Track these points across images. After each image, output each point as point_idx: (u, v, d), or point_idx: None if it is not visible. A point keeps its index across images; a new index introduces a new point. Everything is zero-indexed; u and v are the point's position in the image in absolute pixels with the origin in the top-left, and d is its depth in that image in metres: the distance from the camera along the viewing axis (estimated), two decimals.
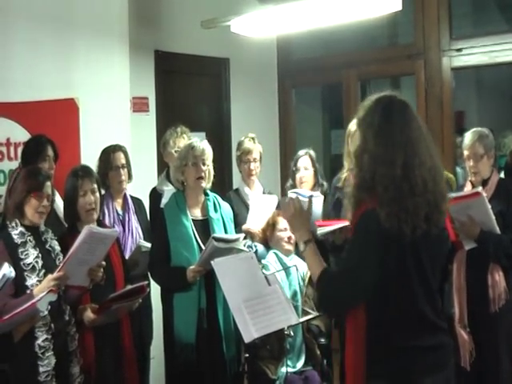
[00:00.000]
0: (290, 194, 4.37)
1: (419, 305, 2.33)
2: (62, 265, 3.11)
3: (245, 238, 3.84)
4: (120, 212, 4.31)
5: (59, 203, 3.84)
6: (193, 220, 3.86)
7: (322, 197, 4.31)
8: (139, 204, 4.48)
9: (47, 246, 3.29)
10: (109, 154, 4.30)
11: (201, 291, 3.75)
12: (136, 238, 4.23)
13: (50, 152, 4.17)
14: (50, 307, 3.08)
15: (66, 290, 3.22)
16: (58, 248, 3.33)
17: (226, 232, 3.90)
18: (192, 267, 3.68)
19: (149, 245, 4.02)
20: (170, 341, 3.84)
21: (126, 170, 4.35)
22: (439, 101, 5.61)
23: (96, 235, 3.20)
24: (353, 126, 4.33)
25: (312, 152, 4.70)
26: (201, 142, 3.92)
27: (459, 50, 5.58)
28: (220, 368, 3.81)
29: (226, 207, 4.00)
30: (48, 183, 3.30)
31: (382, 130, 2.32)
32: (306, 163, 4.63)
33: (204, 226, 3.87)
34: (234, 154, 5.00)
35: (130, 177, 4.41)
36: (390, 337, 2.31)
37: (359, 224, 2.32)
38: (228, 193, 4.86)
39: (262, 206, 4.58)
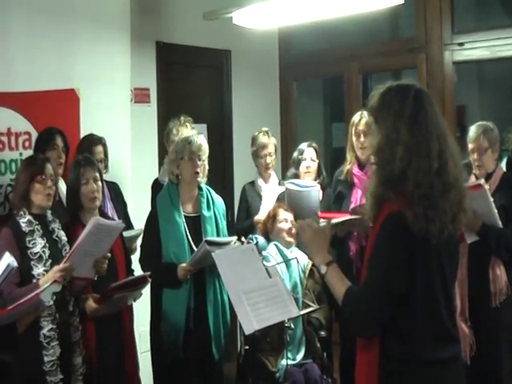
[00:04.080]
0: (287, 184, 4.38)
1: (440, 314, 2.19)
2: (68, 256, 3.10)
3: (238, 239, 3.84)
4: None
5: (63, 189, 3.82)
6: (185, 216, 3.85)
7: (319, 187, 4.35)
8: (115, 189, 4.43)
9: (54, 236, 3.29)
10: (90, 146, 4.24)
11: (190, 291, 3.75)
12: None
13: (60, 142, 4.15)
14: (55, 297, 3.08)
15: (72, 281, 3.21)
16: (64, 238, 3.33)
17: (217, 229, 3.88)
18: (183, 265, 3.68)
19: (128, 233, 3.96)
20: (156, 338, 3.82)
21: (103, 163, 4.31)
22: (441, 95, 5.58)
23: (103, 227, 3.19)
24: (357, 117, 4.32)
25: (315, 144, 4.72)
26: (198, 137, 3.89)
27: (461, 44, 5.55)
28: (208, 369, 3.81)
29: (219, 202, 3.98)
30: (48, 165, 3.29)
31: (416, 118, 2.16)
32: (312, 154, 4.65)
33: (196, 224, 3.86)
34: (236, 146, 5.00)
35: (106, 169, 4.35)
36: (407, 348, 2.16)
37: (383, 229, 2.14)
38: (244, 185, 4.90)
39: (275, 198, 4.60)
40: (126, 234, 3.91)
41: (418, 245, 2.11)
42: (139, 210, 4.47)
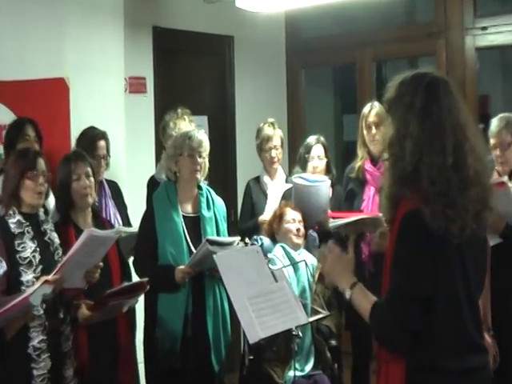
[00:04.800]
0: (294, 178, 4.38)
1: (464, 321, 2.18)
2: (58, 267, 3.09)
3: (242, 240, 3.84)
4: (96, 198, 4.29)
5: (51, 201, 3.85)
6: (184, 216, 3.86)
7: (329, 181, 4.35)
8: (115, 187, 4.48)
9: (46, 238, 3.27)
10: (93, 141, 4.27)
11: (188, 295, 3.75)
12: (115, 224, 4.21)
13: (31, 132, 4.17)
14: (44, 306, 3.07)
15: (61, 292, 3.20)
16: (57, 241, 3.30)
17: (218, 231, 3.89)
18: (181, 267, 3.69)
19: (128, 229, 4.01)
20: (150, 347, 3.83)
21: (105, 160, 4.35)
22: (461, 84, 5.57)
23: (96, 238, 3.19)
24: (367, 108, 4.34)
25: (323, 138, 4.70)
26: (198, 133, 3.91)
27: (484, 28, 5.55)
28: (207, 381, 3.82)
29: (219, 203, 4.00)
30: (40, 159, 3.27)
31: (427, 111, 2.15)
32: (319, 152, 4.64)
33: (195, 224, 3.86)
34: (239, 139, 5.01)
35: (107, 166, 4.40)
36: (429, 357, 2.15)
37: (401, 230, 2.14)
38: (248, 181, 4.90)
39: (281, 195, 4.60)
40: (126, 229, 3.97)
41: (438, 244, 2.11)
42: (134, 210, 4.49)
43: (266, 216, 4.54)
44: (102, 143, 4.32)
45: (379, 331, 2.20)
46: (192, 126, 4.47)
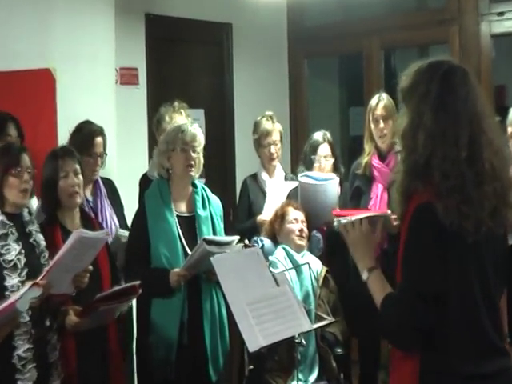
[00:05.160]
0: (301, 177, 4.38)
1: (481, 323, 2.19)
2: (45, 272, 3.08)
3: (241, 240, 3.82)
4: (90, 198, 4.30)
5: (33, 202, 3.84)
6: (178, 216, 3.86)
7: (338, 179, 4.36)
8: (111, 186, 4.48)
9: (31, 240, 3.26)
10: (90, 137, 4.27)
11: (184, 300, 3.75)
12: (111, 226, 4.23)
13: (13, 131, 4.16)
14: (30, 312, 3.05)
15: (48, 298, 3.20)
16: (43, 243, 3.30)
17: (214, 232, 3.89)
18: (176, 270, 3.69)
19: (125, 233, 4.02)
20: (144, 356, 3.83)
21: (102, 158, 4.34)
22: (476, 73, 5.55)
23: (86, 240, 3.18)
24: (374, 100, 4.34)
25: (329, 135, 4.71)
26: (192, 126, 3.91)
27: (500, 13, 5.54)
28: None
29: (215, 202, 4.00)
30: (24, 155, 3.26)
31: (442, 101, 2.17)
32: (325, 152, 4.64)
33: (190, 224, 3.87)
34: (237, 134, 5.00)
35: (103, 164, 4.40)
36: (444, 362, 2.17)
37: (412, 223, 2.18)
38: (245, 178, 4.91)
39: (280, 194, 4.60)
40: (126, 234, 3.98)
41: (451, 241, 2.13)
42: (126, 210, 4.48)
43: (264, 216, 4.55)
44: (100, 140, 4.32)
45: (385, 326, 2.23)
46: (188, 120, 4.46)
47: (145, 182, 4.63)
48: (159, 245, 3.77)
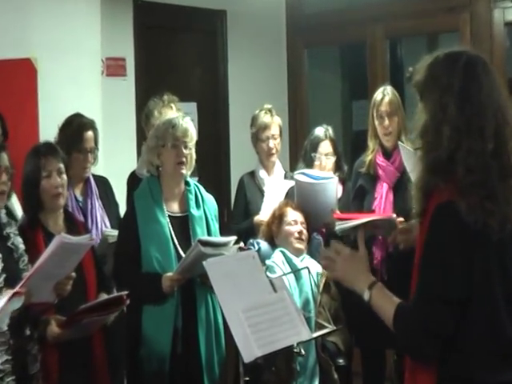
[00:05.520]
0: (297, 175, 4.39)
1: (503, 327, 2.18)
2: (24, 280, 3.07)
3: (237, 241, 3.81)
4: (80, 198, 4.30)
5: (14, 201, 3.84)
6: (170, 216, 3.86)
7: (337, 179, 4.36)
8: (105, 184, 4.47)
9: (9, 244, 3.24)
10: (79, 132, 4.27)
11: (178, 306, 3.75)
12: (101, 228, 4.22)
13: None
14: (8, 321, 3.02)
15: (28, 306, 3.19)
16: (22, 246, 3.28)
17: (209, 232, 3.89)
18: (169, 274, 3.67)
19: (116, 233, 4.01)
20: (135, 366, 3.81)
21: (93, 153, 4.33)
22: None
23: (68, 246, 3.17)
24: (378, 95, 4.33)
25: (331, 132, 4.70)
26: (183, 120, 3.89)
27: None
28: None
29: (209, 201, 3.99)
30: (3, 154, 3.25)
31: (466, 93, 2.19)
32: (327, 149, 4.64)
33: (183, 225, 3.86)
34: (233, 129, 5.01)
35: (95, 160, 4.40)
36: (463, 368, 2.17)
37: (433, 224, 2.18)
38: (242, 176, 4.92)
39: (279, 193, 4.61)
40: (113, 233, 3.97)
41: (474, 240, 2.13)
42: None
43: (262, 216, 4.56)
44: (90, 134, 4.30)
45: (405, 338, 2.21)
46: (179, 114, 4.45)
47: (133, 180, 4.62)
48: (150, 247, 3.76)
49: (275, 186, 4.70)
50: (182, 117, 3.96)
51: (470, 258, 2.13)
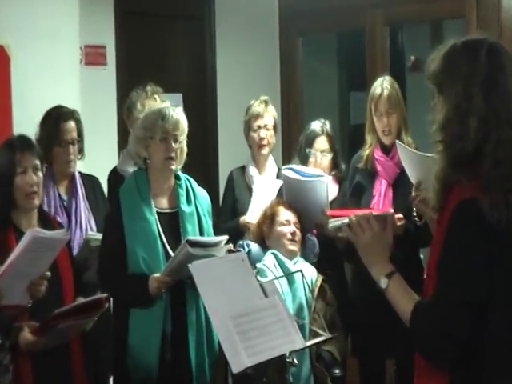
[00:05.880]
0: (285, 170, 4.38)
1: None
2: None
3: (228, 241, 3.81)
4: (64, 197, 4.29)
5: None
6: (158, 213, 3.85)
7: (327, 178, 4.37)
8: (93, 184, 4.47)
9: None
10: (57, 123, 4.25)
11: (166, 310, 3.74)
12: (86, 231, 4.21)
13: None
14: None
15: None
16: None
17: (201, 230, 3.88)
18: (156, 275, 3.66)
19: (100, 236, 4.00)
20: (121, 374, 3.81)
21: (76, 145, 4.31)
22: None
23: (42, 241, 3.16)
24: (377, 88, 4.32)
25: (328, 126, 4.70)
26: (174, 111, 3.87)
27: None
28: None
29: (202, 196, 3.98)
30: None
31: (493, 81, 2.24)
32: (323, 145, 4.65)
33: (172, 222, 3.85)
34: (221, 122, 5.00)
35: (81, 153, 4.39)
36: (481, 375, 2.19)
37: (454, 222, 2.21)
38: (231, 171, 4.93)
39: (270, 193, 4.62)
40: (97, 236, 3.97)
41: (498, 240, 2.16)
42: None
43: (249, 217, 4.57)
44: (70, 124, 4.28)
45: (421, 338, 2.24)
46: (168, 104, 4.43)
47: (114, 177, 4.62)
48: (136, 247, 3.75)
49: (265, 186, 4.71)
50: (173, 107, 3.94)
51: (492, 259, 2.16)
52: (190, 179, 3.99)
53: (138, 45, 5.61)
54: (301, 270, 4.00)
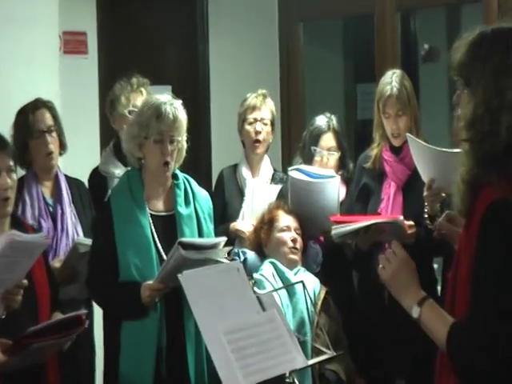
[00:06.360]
0: (292, 172, 4.38)
1: None
2: None
3: (228, 243, 3.81)
4: (49, 201, 4.28)
5: None
6: (152, 216, 3.85)
7: (339, 178, 4.36)
8: (79, 188, 4.47)
9: None
10: (27, 115, 4.25)
11: (161, 321, 3.74)
12: (73, 239, 4.21)
13: None
14: None
15: None
16: None
17: (200, 234, 3.88)
18: (149, 283, 3.66)
19: (90, 241, 4.00)
20: None
21: (55, 135, 4.29)
22: None
23: (19, 245, 3.17)
24: (386, 86, 4.30)
25: (335, 122, 4.69)
26: (172, 106, 3.84)
27: None
28: None
29: (203, 197, 3.99)
30: None
31: None
32: (329, 143, 4.63)
33: (168, 226, 3.86)
34: (214, 116, 4.99)
35: (62, 146, 4.37)
36: None
37: (486, 227, 2.20)
38: (222, 170, 4.94)
39: (264, 197, 4.62)
40: (87, 241, 3.98)
41: None
42: None
43: (240, 224, 4.59)
44: (42, 112, 4.27)
45: (463, 362, 2.23)
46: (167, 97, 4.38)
47: (97, 179, 4.63)
48: (128, 253, 3.75)
49: (258, 191, 4.70)
50: (170, 101, 3.89)
51: None
52: (190, 179, 3.99)
53: (121, 31, 5.62)
54: (302, 281, 4.00)
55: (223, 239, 3.75)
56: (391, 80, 4.30)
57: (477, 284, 2.20)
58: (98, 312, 4.07)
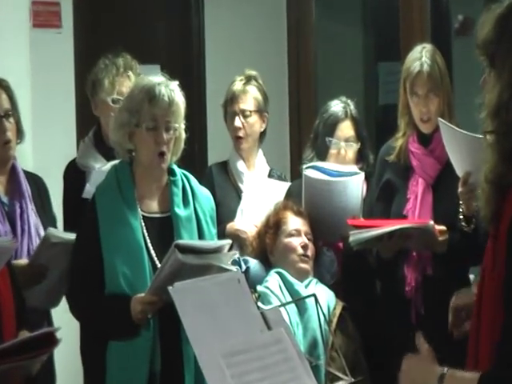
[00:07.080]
0: (307, 171, 4.37)
1: None
2: None
3: (232, 247, 3.86)
4: (4, 199, 4.28)
5: None
6: (145, 217, 3.87)
7: (362, 174, 4.36)
8: (38, 184, 4.47)
9: None
10: None
11: (155, 341, 3.75)
12: (35, 241, 4.21)
13: None
14: None
15: None
16: None
17: (201, 237, 3.90)
18: (140, 295, 3.66)
19: (63, 234, 4.04)
20: None
21: (12, 120, 4.26)
22: None
23: None
24: (415, 62, 4.29)
25: (353, 107, 4.69)
26: (167, 88, 3.86)
27: None
28: None
29: (204, 197, 4.02)
30: None
31: None
32: (347, 132, 4.63)
33: (163, 229, 3.88)
34: (210, 101, 4.98)
35: (20, 133, 4.35)
36: None
37: None
38: (210, 166, 5.00)
39: (263, 195, 4.65)
40: (61, 234, 4.02)
41: None
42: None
43: (239, 223, 4.61)
44: None
45: None
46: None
47: (74, 173, 4.63)
48: (116, 260, 3.76)
49: (260, 186, 4.73)
50: (165, 83, 3.90)
51: None
52: (189, 175, 4.00)
53: (102, 2, 5.62)
54: (314, 295, 3.99)
55: (228, 242, 3.79)
56: (421, 55, 4.28)
57: (509, 311, 2.16)
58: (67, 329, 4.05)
